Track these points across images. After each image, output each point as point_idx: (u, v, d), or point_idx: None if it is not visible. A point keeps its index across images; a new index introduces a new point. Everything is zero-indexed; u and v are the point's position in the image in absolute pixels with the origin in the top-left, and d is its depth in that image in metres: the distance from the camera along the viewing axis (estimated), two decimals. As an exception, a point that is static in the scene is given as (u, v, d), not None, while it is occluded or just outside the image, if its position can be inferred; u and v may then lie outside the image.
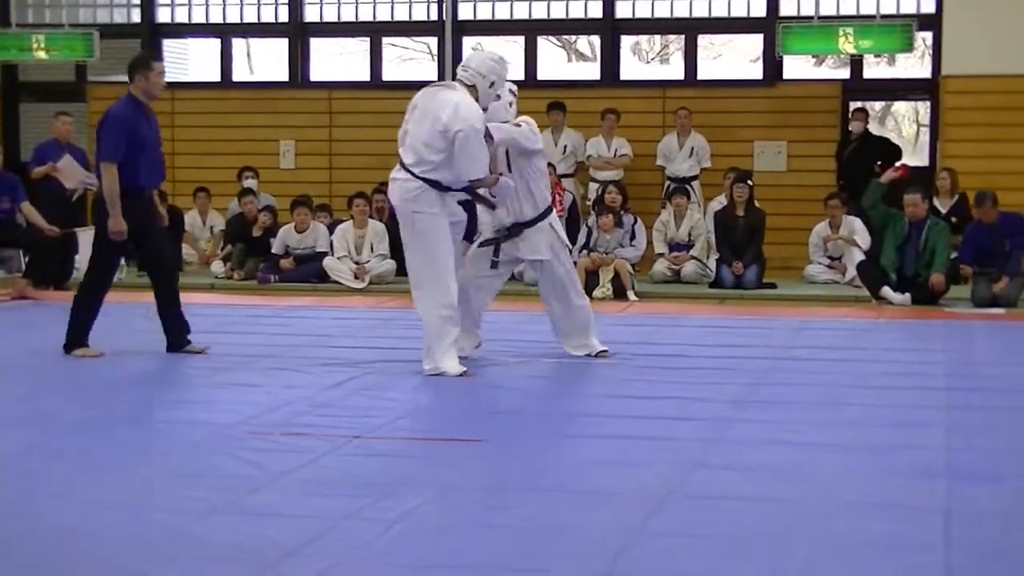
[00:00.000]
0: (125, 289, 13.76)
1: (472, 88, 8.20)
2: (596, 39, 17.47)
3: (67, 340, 8.95)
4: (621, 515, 4.98)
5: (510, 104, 8.54)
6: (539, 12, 16.55)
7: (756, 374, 8.34)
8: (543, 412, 7.16)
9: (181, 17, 17.48)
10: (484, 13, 16.66)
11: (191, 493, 5.35)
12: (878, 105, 22.29)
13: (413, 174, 8.07)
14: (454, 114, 7.97)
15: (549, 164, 14.67)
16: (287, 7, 17.07)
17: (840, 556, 4.56)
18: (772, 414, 7.03)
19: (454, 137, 7.94)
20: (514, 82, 8.71)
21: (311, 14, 17.14)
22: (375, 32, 17.12)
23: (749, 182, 14.19)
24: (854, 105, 15.62)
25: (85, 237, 13.52)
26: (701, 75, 16.48)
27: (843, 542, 4.70)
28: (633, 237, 13.91)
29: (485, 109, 8.21)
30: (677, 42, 18.30)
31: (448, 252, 8.14)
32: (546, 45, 18.39)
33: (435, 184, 8.06)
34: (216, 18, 17.39)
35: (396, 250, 14.41)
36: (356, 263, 14.29)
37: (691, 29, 16.46)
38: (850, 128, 15.22)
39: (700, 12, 16.19)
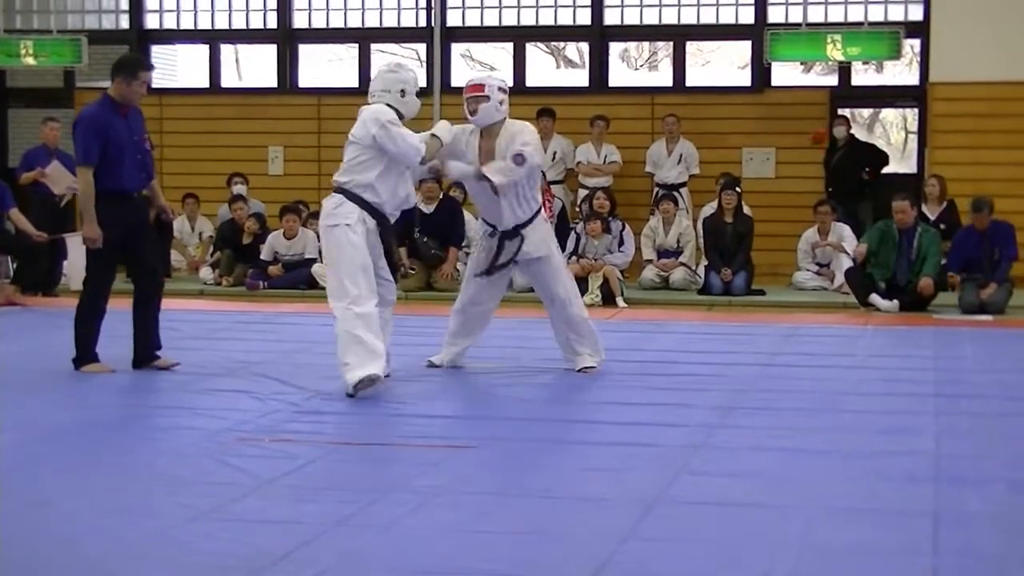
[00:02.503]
0: (112, 295, 13.77)
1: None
2: (585, 46, 17.47)
3: (75, 356, 8.61)
4: (609, 521, 4.99)
5: (500, 103, 8.41)
6: (528, 19, 16.55)
7: (744, 380, 8.35)
8: (531, 418, 7.16)
9: (170, 23, 17.46)
10: (473, 20, 16.66)
11: (179, 499, 5.34)
12: (866, 112, 22.31)
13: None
14: (362, 124, 7.93)
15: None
16: (276, 13, 17.05)
17: (828, 561, 4.57)
18: (760, 420, 7.04)
19: (374, 139, 7.85)
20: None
21: (300, 20, 17.13)
22: (364, 38, 17.11)
23: (738, 189, 14.21)
24: (839, 113, 15.64)
25: (74, 243, 13.51)
26: (690, 82, 16.49)
27: (831, 547, 4.71)
28: (621, 243, 13.91)
29: (402, 117, 8.06)
30: (666, 49, 18.31)
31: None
32: (535, 52, 18.39)
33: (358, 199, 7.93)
34: (205, 24, 17.37)
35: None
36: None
37: (679, 36, 16.46)
38: (834, 134, 15.23)
39: (688, 19, 16.19)
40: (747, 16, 15.92)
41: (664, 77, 17.26)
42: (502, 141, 8.36)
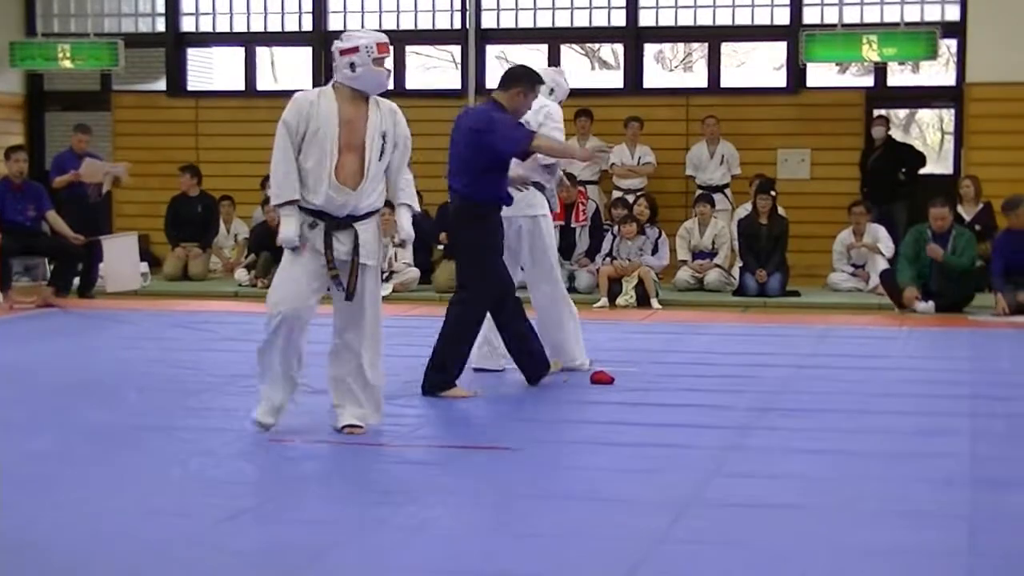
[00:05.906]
0: (149, 297, 13.85)
1: None
2: (619, 47, 17.42)
3: (436, 377, 7.76)
4: (642, 523, 4.98)
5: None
6: (562, 20, 16.56)
7: (779, 382, 8.31)
8: (564, 420, 7.15)
9: (205, 26, 17.53)
10: (507, 21, 16.67)
11: (212, 500, 5.36)
12: (902, 113, 22.18)
13: None
14: None
15: (568, 174, 14.69)
16: (311, 16, 17.10)
17: (863, 564, 4.54)
18: (794, 422, 7.01)
19: None
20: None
21: (335, 23, 17.15)
22: (399, 40, 17.08)
23: (772, 192, 14.16)
24: (877, 113, 15.58)
25: (110, 245, 13.60)
26: (724, 83, 16.46)
27: (866, 549, 4.68)
28: (656, 250, 13.87)
29: None
30: (700, 50, 18.28)
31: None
32: (569, 53, 18.38)
33: None
34: (240, 27, 17.43)
35: (419, 257, 14.46)
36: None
37: (714, 37, 16.43)
38: (872, 135, 15.16)
39: (723, 20, 16.16)
40: (782, 17, 15.87)
41: (699, 78, 17.23)
42: (376, 118, 6.68)
